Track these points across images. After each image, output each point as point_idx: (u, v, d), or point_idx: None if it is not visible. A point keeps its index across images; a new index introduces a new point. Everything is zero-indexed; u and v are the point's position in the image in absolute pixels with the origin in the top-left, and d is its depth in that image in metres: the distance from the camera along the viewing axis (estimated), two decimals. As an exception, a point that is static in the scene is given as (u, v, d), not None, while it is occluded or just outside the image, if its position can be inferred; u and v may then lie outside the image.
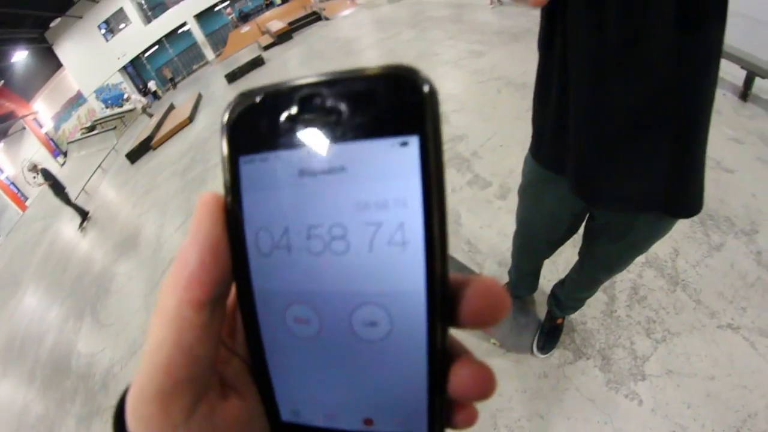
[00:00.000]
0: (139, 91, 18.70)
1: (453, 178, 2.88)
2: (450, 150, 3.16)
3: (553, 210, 1.07)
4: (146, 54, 19.25)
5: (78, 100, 19.22)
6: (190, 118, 8.87)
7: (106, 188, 8.35)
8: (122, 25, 18.06)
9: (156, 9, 18.41)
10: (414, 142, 0.14)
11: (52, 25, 16.63)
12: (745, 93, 3.13)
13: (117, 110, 18.36)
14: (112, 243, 5.16)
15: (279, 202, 0.16)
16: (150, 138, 8.90)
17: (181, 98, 12.30)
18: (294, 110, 0.15)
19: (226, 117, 0.16)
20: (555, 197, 1.01)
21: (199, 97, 10.64)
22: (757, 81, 3.17)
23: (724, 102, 2.88)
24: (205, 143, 6.90)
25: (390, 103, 0.14)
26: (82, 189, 8.58)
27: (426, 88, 0.14)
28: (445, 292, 0.15)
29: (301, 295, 0.16)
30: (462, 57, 4.93)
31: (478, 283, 0.16)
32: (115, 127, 14.69)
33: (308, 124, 0.15)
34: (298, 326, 0.16)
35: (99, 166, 10.04)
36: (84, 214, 6.67)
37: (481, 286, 0.16)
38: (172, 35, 18.93)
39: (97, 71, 18.17)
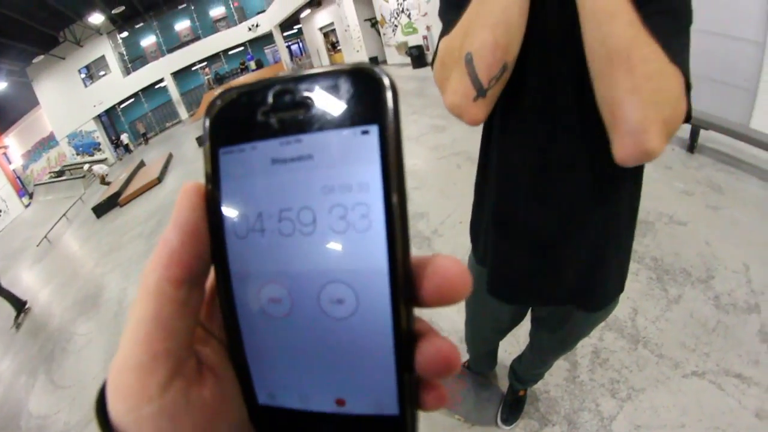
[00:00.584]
0: (112, 142, 18.49)
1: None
2: (411, 228, 3.13)
3: (494, 306, 1.03)
4: (122, 105, 19.27)
5: (50, 141, 18.76)
6: (159, 178, 8.78)
7: (69, 239, 7.98)
8: (102, 73, 18.16)
9: (136, 61, 18.72)
10: (374, 130, 0.15)
11: (35, 61, 16.52)
12: (691, 145, 3.43)
13: (87, 159, 18.01)
14: (72, 299, 4.86)
15: (253, 189, 0.17)
16: (118, 194, 8.69)
17: (153, 155, 12.24)
18: (267, 104, 0.17)
19: (208, 113, 0.18)
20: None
21: (170, 157, 10.60)
22: (702, 131, 3.52)
23: (673, 156, 3.13)
24: (172, 207, 6.79)
25: (352, 96, 0.16)
26: (45, 237, 8.18)
27: (385, 82, 0.16)
28: (407, 268, 0.16)
29: (274, 275, 0.17)
30: (423, 132, 5.19)
31: (437, 261, 0.17)
32: (83, 176, 14.31)
33: (279, 116, 0.16)
34: (272, 306, 0.17)
35: (64, 214, 9.66)
36: (20, 307, 5.16)
37: (441, 264, 0.17)
38: (148, 90, 19.11)
39: (72, 115, 17.96)
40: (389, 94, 0.16)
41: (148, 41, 19.45)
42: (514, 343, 1.96)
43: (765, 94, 3.89)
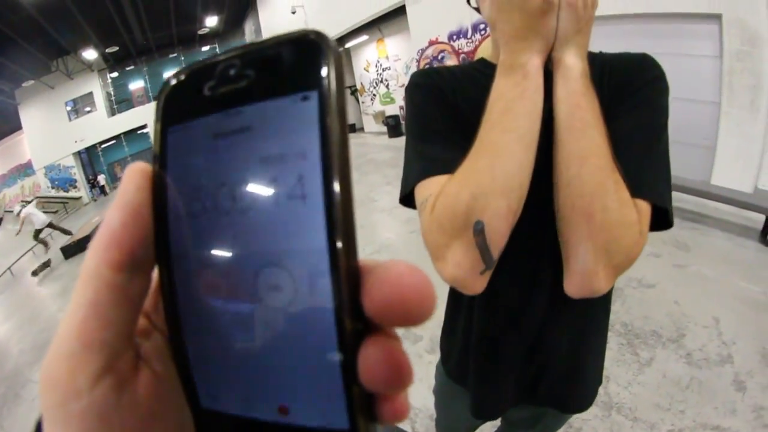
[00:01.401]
0: (89, 181, 18.17)
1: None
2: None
3: (463, 416, 0.96)
4: (103, 145, 19.08)
5: (27, 169, 18.27)
6: None
7: (32, 277, 7.58)
8: (88, 109, 18.07)
9: (122, 104, 18.75)
10: (314, 96, 0.14)
11: (24, 84, 16.39)
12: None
13: (62, 194, 17.57)
14: (31, 342, 4.53)
15: (195, 166, 0.16)
16: (89, 238, 8.39)
17: None
18: (211, 80, 0.16)
19: (159, 94, 0.18)
20: (461, 406, 0.92)
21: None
22: None
23: (638, 219, 3.25)
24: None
25: (292, 63, 0.15)
26: (8, 269, 7.75)
27: (325, 47, 0.15)
28: (350, 248, 0.14)
29: (212, 258, 0.16)
30: (397, 204, 5.25)
31: (390, 265, 0.14)
32: (56, 211, 13.90)
33: (222, 90, 0.16)
34: (210, 291, 0.16)
35: (32, 249, 9.25)
36: None
37: (394, 270, 0.14)
38: (131, 134, 18.97)
39: (52, 147, 17.62)
40: (330, 59, 0.15)
41: (136, 85, 19.69)
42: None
43: (723, 150, 4.19)
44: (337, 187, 0.14)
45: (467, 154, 0.53)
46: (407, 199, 0.64)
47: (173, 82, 0.17)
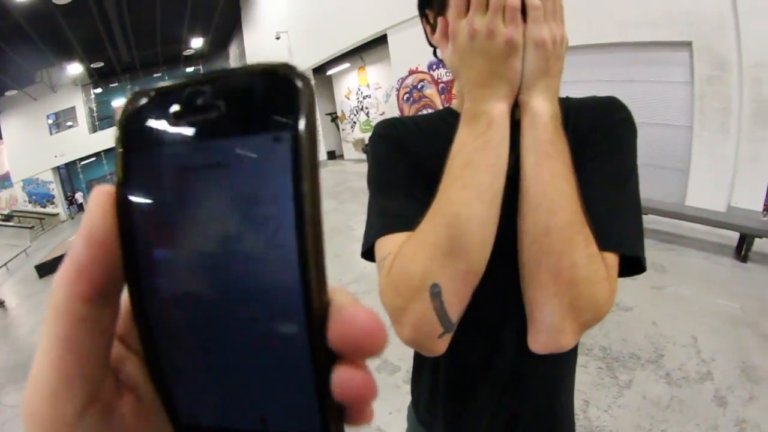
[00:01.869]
0: (66, 198, 17.71)
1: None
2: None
3: None
4: (83, 162, 18.67)
5: (4, 181, 17.61)
6: None
7: (6, 293, 7.25)
8: (69, 124, 17.67)
9: (104, 121, 18.39)
10: (285, 137, 0.14)
11: (7, 93, 15.93)
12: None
13: (39, 209, 17.07)
14: (2, 363, 4.32)
15: (164, 197, 0.16)
16: (64, 258, 8.17)
17: None
18: (177, 108, 0.16)
19: (118, 115, 0.17)
20: None
21: None
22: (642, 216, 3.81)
23: (616, 243, 3.34)
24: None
25: (265, 100, 0.15)
26: None
27: (300, 85, 0.15)
28: (321, 284, 0.15)
29: (185, 289, 0.16)
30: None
31: (348, 309, 0.15)
32: (32, 227, 13.44)
33: (190, 121, 0.15)
34: (185, 321, 0.16)
35: (5, 264, 8.92)
36: None
37: (350, 313, 0.15)
38: (111, 152, 18.72)
39: (32, 160, 17.10)
40: (304, 97, 0.15)
41: (119, 102, 19.49)
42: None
43: (696, 172, 4.35)
44: (310, 226, 0.14)
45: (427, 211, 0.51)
46: (369, 254, 0.61)
47: (135, 104, 0.16)
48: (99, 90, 18.84)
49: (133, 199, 0.16)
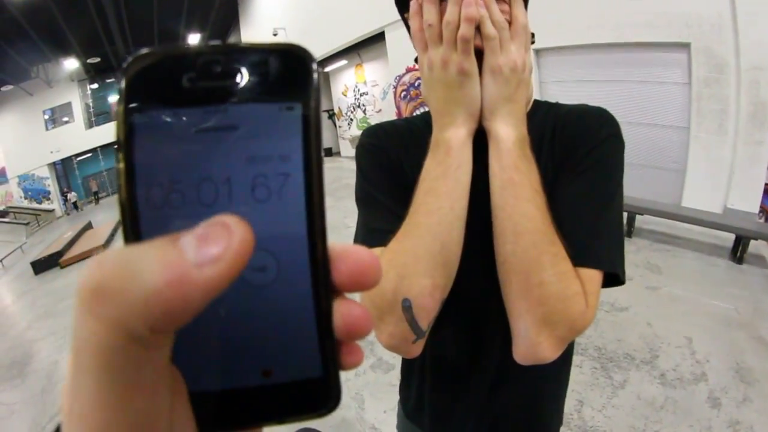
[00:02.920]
0: (62, 194, 17.55)
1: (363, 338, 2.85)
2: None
3: None
4: (79, 158, 18.57)
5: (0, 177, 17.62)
6: (105, 246, 8.27)
7: (2, 289, 7.26)
8: (65, 119, 17.58)
9: (100, 117, 18.30)
10: (298, 107, 0.16)
11: (3, 89, 15.81)
12: (629, 231, 3.70)
13: (35, 205, 16.98)
14: (-3, 361, 4.31)
15: (173, 157, 0.16)
16: (60, 254, 8.10)
17: (101, 218, 11.68)
18: (193, 72, 0.16)
19: (127, 72, 0.16)
20: None
21: (119, 224, 10.19)
22: (638, 216, 3.83)
23: (611, 244, 3.35)
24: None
25: (280, 73, 0.16)
26: None
27: (311, 64, 0.17)
28: (324, 237, 0.17)
29: None
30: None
31: (350, 249, 0.18)
32: (28, 223, 13.37)
33: (207, 84, 0.16)
34: None
35: (1, 260, 8.88)
36: None
37: (353, 252, 0.17)
38: (107, 148, 18.42)
39: (28, 156, 17.00)
40: (314, 75, 0.17)
41: (116, 98, 19.46)
42: None
43: (692, 173, 4.37)
44: (315, 186, 0.16)
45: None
46: None
47: (147, 62, 0.16)
48: (95, 85, 18.73)
49: (141, 161, 0.16)
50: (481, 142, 0.55)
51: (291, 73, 0.17)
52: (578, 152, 0.58)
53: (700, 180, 4.30)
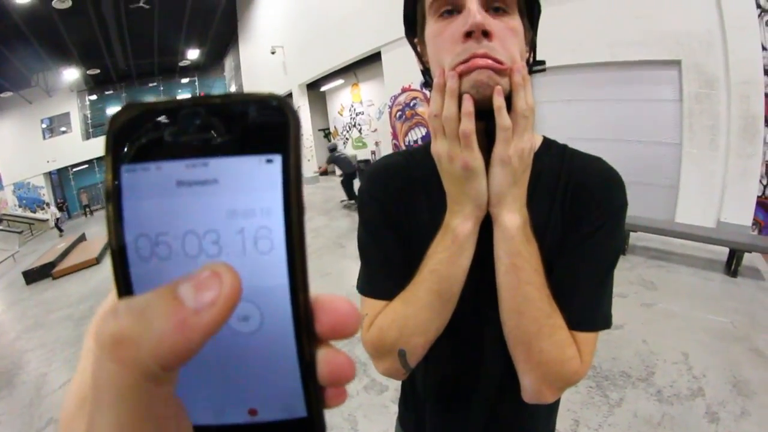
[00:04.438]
0: (57, 204, 17.39)
1: (349, 384, 2.80)
2: (348, 353, 2.89)
3: None
4: (75, 169, 18.58)
5: None
6: (98, 259, 8.29)
7: (-7, 298, 7.14)
8: (63, 129, 17.64)
9: (98, 128, 18.34)
10: (277, 159, 0.16)
11: (2, 95, 15.91)
12: (623, 249, 3.71)
13: (29, 214, 16.86)
14: (-16, 373, 4.20)
15: (158, 210, 0.16)
16: (53, 264, 8.02)
17: (95, 230, 11.62)
18: (175, 125, 0.16)
19: (112, 125, 0.17)
20: None
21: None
22: (632, 233, 3.85)
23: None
24: (107, 295, 6.31)
25: (259, 125, 0.16)
26: None
27: (290, 115, 0.17)
28: (306, 287, 0.17)
29: None
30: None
31: (331, 300, 0.18)
32: (21, 231, 13.27)
33: (187, 138, 0.16)
34: None
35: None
36: None
37: (334, 303, 0.18)
38: (103, 160, 18.72)
39: (24, 164, 17.00)
40: (293, 127, 0.17)
41: (113, 110, 19.51)
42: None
43: (685, 188, 4.41)
44: (297, 238, 0.17)
45: (403, 288, 0.61)
46: None
47: (130, 115, 0.17)
48: (94, 97, 18.85)
49: (128, 211, 0.17)
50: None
51: (270, 125, 0.17)
52: (593, 216, 0.59)
53: (693, 195, 4.35)
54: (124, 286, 0.17)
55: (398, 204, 0.66)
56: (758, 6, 3.82)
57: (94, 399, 0.14)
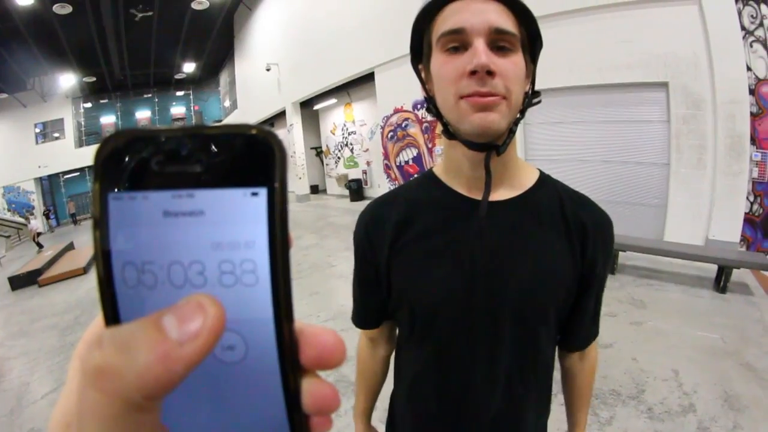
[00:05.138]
0: (43, 212, 17.18)
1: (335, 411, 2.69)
2: (336, 372, 2.75)
3: None
4: (66, 176, 18.37)
5: None
6: (85, 269, 8.18)
7: (-24, 302, 6.92)
8: (56, 135, 17.48)
9: (91, 136, 18.28)
10: (263, 193, 0.17)
11: None
12: (612, 268, 3.72)
13: (17, 219, 16.55)
14: (-36, 380, 4.06)
15: (145, 239, 0.17)
16: (39, 272, 7.87)
17: (83, 240, 11.41)
18: (162, 155, 0.17)
19: (99, 153, 0.17)
20: None
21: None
22: (621, 253, 3.88)
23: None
24: (94, 306, 6.21)
25: (245, 158, 0.17)
26: None
27: (276, 148, 0.17)
28: (290, 318, 0.17)
29: None
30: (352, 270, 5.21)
31: (315, 331, 0.18)
32: (9, 236, 13.02)
33: (174, 169, 0.17)
34: None
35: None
36: None
37: (319, 335, 0.18)
38: None
39: (15, 168, 16.72)
40: (278, 160, 0.17)
41: (107, 120, 19.33)
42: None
43: (673, 207, 4.48)
44: (281, 270, 0.17)
45: (383, 321, 0.82)
46: None
47: (117, 144, 0.17)
48: (89, 105, 18.76)
49: (114, 240, 0.17)
50: (475, 211, 0.63)
51: (256, 158, 0.17)
52: (598, 266, 0.68)
53: (682, 214, 4.42)
54: (111, 313, 0.17)
55: (376, 253, 0.72)
56: (743, 28, 3.97)
57: (79, 427, 0.14)
